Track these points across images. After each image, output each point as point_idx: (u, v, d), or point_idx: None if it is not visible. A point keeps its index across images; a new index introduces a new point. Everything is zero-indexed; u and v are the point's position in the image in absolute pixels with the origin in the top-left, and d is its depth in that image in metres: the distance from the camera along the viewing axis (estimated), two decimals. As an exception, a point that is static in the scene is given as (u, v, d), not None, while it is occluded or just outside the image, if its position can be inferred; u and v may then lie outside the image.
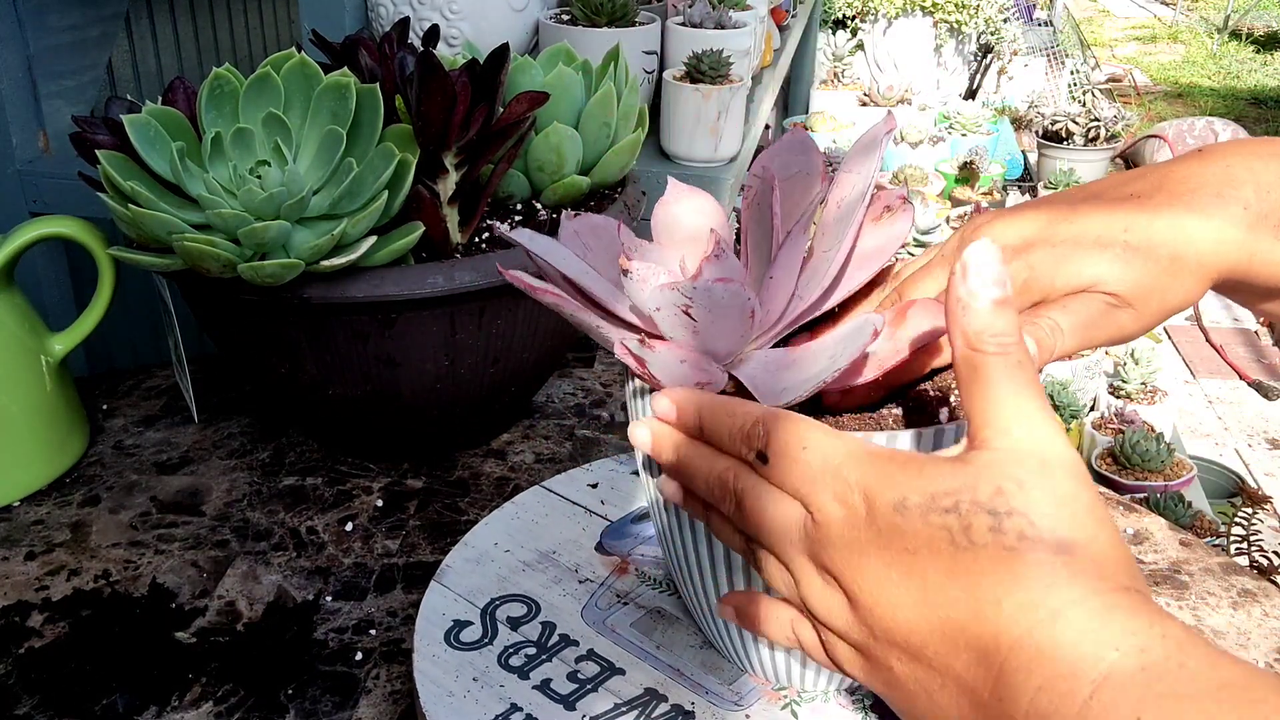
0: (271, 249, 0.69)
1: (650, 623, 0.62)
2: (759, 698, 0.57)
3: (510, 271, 0.51)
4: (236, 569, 0.74)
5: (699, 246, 0.55)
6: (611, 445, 0.88)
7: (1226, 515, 1.96)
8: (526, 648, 0.60)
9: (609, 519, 0.71)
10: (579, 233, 0.56)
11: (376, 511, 0.80)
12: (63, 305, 1.06)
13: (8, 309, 0.80)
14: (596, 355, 1.02)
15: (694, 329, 0.49)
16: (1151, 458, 2.09)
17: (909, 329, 0.50)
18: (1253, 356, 3.15)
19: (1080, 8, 7.56)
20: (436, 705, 0.56)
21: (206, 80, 0.71)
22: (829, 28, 4.27)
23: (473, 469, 0.85)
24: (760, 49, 1.49)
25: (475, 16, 1.06)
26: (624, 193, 0.85)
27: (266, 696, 0.63)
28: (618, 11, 1.13)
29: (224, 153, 0.70)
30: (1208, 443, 2.74)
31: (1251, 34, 6.91)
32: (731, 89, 1.11)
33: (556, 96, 0.79)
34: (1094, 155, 3.96)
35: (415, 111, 0.70)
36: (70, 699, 0.63)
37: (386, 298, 0.70)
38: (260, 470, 0.85)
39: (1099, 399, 2.45)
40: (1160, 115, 5.36)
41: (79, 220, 0.82)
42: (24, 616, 0.69)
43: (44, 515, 0.79)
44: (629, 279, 0.49)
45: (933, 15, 4.18)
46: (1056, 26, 5.00)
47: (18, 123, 1.00)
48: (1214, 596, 0.72)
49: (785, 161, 0.55)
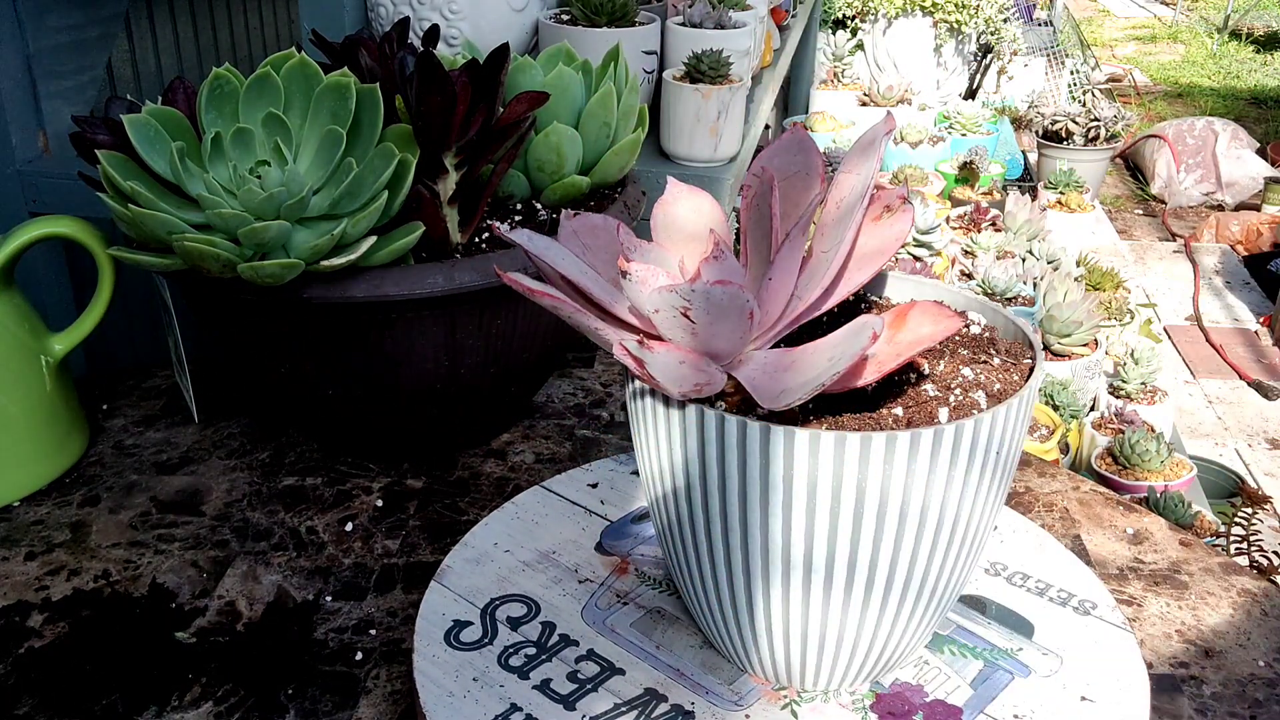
0: (271, 249, 0.69)
1: (650, 623, 0.62)
2: (759, 698, 0.57)
3: (508, 274, 0.51)
4: (236, 569, 0.74)
5: (698, 247, 0.55)
6: (611, 445, 0.88)
7: (1226, 515, 1.96)
8: (526, 648, 0.60)
9: (609, 519, 0.71)
10: (578, 233, 0.56)
11: (376, 511, 0.80)
12: (63, 305, 1.06)
13: (8, 309, 0.80)
14: (596, 355, 1.02)
15: (693, 330, 0.49)
16: (1151, 458, 2.09)
17: (909, 331, 0.50)
18: (1253, 356, 3.15)
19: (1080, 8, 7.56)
20: (436, 705, 0.56)
21: (206, 80, 0.71)
22: (829, 28, 4.27)
23: (473, 469, 0.85)
24: (760, 49, 1.49)
25: (475, 16, 1.06)
26: (624, 193, 0.85)
27: (266, 696, 0.63)
28: (618, 11, 1.13)
29: (224, 153, 0.70)
30: (1208, 443, 2.74)
31: (1251, 34, 6.90)
32: (731, 89, 1.11)
33: (556, 96, 0.79)
34: (1094, 155, 3.96)
35: (415, 111, 0.70)
36: (70, 699, 0.63)
37: (386, 298, 0.70)
38: (260, 470, 0.85)
39: (1099, 399, 2.45)
40: (1160, 115, 5.35)
41: (79, 220, 0.82)
42: (24, 616, 0.69)
43: (44, 515, 0.79)
44: (628, 280, 0.49)
45: (933, 15, 4.18)
46: (1056, 26, 5.00)
47: (18, 123, 1.00)
48: (1214, 596, 0.72)
49: (785, 161, 0.55)
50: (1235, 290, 3.53)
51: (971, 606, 0.64)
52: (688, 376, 0.50)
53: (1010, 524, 0.72)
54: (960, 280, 2.58)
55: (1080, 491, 0.83)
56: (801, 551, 0.51)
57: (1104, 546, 0.77)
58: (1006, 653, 0.60)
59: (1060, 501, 0.82)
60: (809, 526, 0.50)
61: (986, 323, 0.59)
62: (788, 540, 0.50)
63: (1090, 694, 0.58)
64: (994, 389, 0.53)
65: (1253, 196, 4.14)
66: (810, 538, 0.50)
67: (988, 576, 0.67)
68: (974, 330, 0.58)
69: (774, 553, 0.51)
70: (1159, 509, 1.97)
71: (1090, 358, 2.44)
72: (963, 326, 0.53)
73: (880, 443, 0.47)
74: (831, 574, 0.51)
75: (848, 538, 0.50)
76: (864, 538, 0.50)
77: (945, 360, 0.56)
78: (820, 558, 0.51)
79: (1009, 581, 0.66)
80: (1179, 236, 3.98)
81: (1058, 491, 0.83)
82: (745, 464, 0.49)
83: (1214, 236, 3.84)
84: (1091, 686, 0.58)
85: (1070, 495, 0.82)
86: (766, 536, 0.51)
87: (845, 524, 0.49)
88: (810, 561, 0.51)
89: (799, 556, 0.51)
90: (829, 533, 0.50)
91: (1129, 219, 4.18)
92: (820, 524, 0.49)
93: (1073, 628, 0.62)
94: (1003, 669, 0.59)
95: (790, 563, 0.51)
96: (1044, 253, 2.70)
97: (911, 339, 0.50)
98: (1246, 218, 3.83)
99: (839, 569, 0.51)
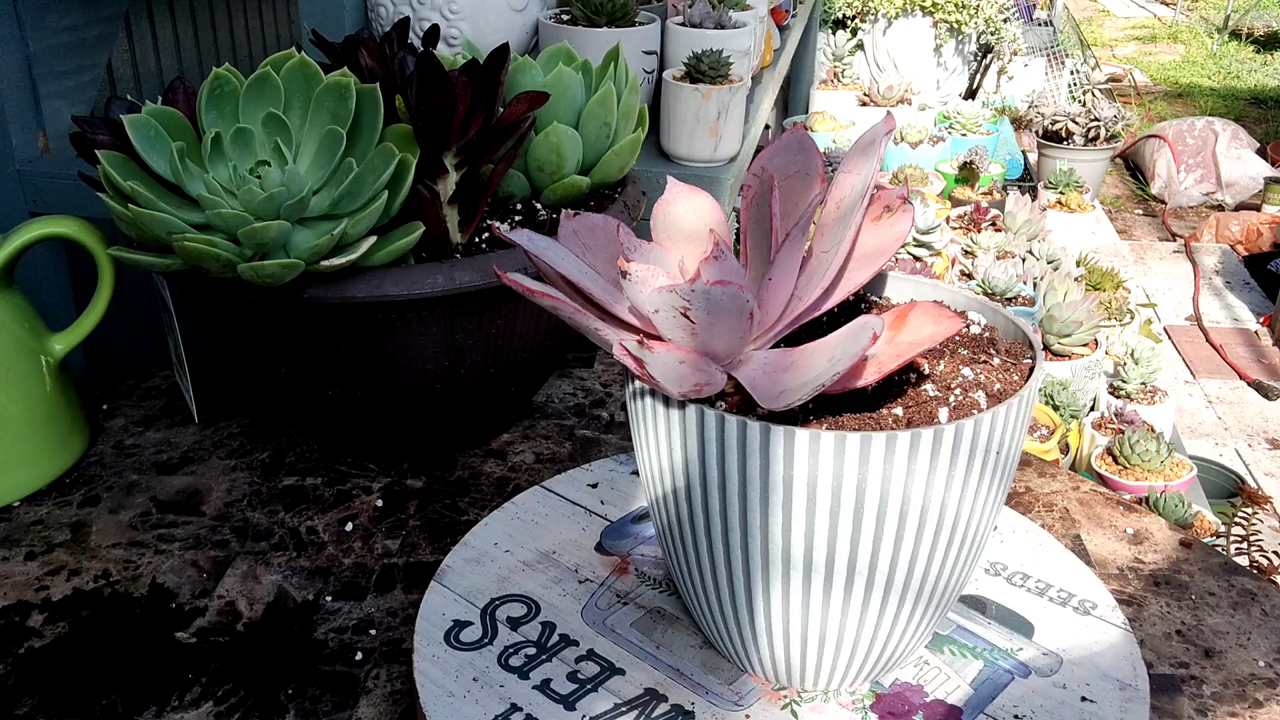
0: (271, 249, 0.69)
1: (650, 623, 0.62)
2: (759, 698, 0.57)
3: (508, 275, 0.51)
4: (236, 569, 0.74)
5: (698, 247, 0.55)
6: (611, 445, 0.88)
7: (1226, 515, 1.96)
8: (526, 648, 0.60)
9: (609, 519, 0.71)
10: (578, 233, 0.56)
11: (376, 511, 0.80)
12: (63, 305, 1.06)
13: (8, 309, 0.80)
14: (596, 355, 1.02)
15: (693, 331, 0.49)
16: (1151, 458, 2.09)
17: (909, 332, 0.50)
18: (1253, 356, 3.15)
19: (1080, 8, 7.56)
20: (436, 705, 0.56)
21: (206, 80, 0.71)
22: (829, 28, 4.26)
23: (473, 469, 0.85)
24: (760, 49, 1.49)
25: (475, 16, 1.06)
26: (624, 193, 0.85)
27: (266, 696, 0.63)
28: (618, 11, 1.13)
29: (224, 153, 0.70)
30: (1208, 443, 2.74)
31: (1251, 34, 6.90)
32: (731, 89, 1.11)
33: (556, 96, 0.79)
34: (1094, 155, 3.95)
35: (415, 111, 0.70)
36: (70, 699, 0.63)
37: (386, 298, 0.70)
38: (260, 470, 0.85)
39: (1099, 399, 2.45)
40: (1160, 115, 5.35)
41: (79, 220, 0.82)
42: (24, 616, 0.69)
43: (44, 515, 0.79)
44: (628, 280, 0.49)
45: (933, 15, 4.18)
46: (1056, 26, 5.00)
47: (18, 123, 1.00)
48: (1214, 596, 0.72)
49: (785, 161, 0.55)
50: (1235, 290, 3.53)
51: (971, 606, 0.64)
52: (688, 376, 0.50)
53: (1010, 524, 0.72)
54: (960, 280, 2.58)
55: (1080, 491, 0.83)
56: (801, 551, 0.51)
57: (1104, 546, 0.77)
58: (1006, 653, 0.60)
59: (1060, 501, 0.82)
60: (809, 526, 0.50)
61: (986, 322, 0.59)
62: (788, 540, 0.50)
63: (1090, 694, 0.58)
64: (994, 389, 0.53)
65: (1253, 196, 4.14)
66: (810, 538, 0.50)
67: (988, 576, 0.67)
68: (974, 330, 0.58)
69: (774, 553, 0.51)
70: (1159, 509, 1.97)
71: (1090, 358, 2.44)
72: (963, 327, 0.53)
73: (880, 443, 0.47)
74: (831, 574, 0.51)
75: (848, 538, 0.50)
76: (864, 538, 0.50)
77: (945, 360, 0.56)
78: (820, 558, 0.51)
79: (1009, 581, 0.66)
80: (1179, 236, 3.98)
81: (1058, 491, 0.83)
82: (745, 464, 0.49)
83: (1214, 236, 3.84)
84: (1091, 686, 0.58)
85: (1070, 495, 0.82)
86: (766, 536, 0.51)
87: (845, 524, 0.49)
88: (810, 561, 0.51)
89: (799, 556, 0.51)
90: (829, 533, 0.50)
91: (1129, 219, 4.18)
92: (820, 524, 0.49)
93: (1073, 628, 0.62)
94: (1003, 669, 0.59)
95: (790, 563, 0.51)
96: (1044, 253, 2.71)
97: (912, 340, 0.50)
98: (1246, 218, 3.83)
99: (839, 569, 0.51)
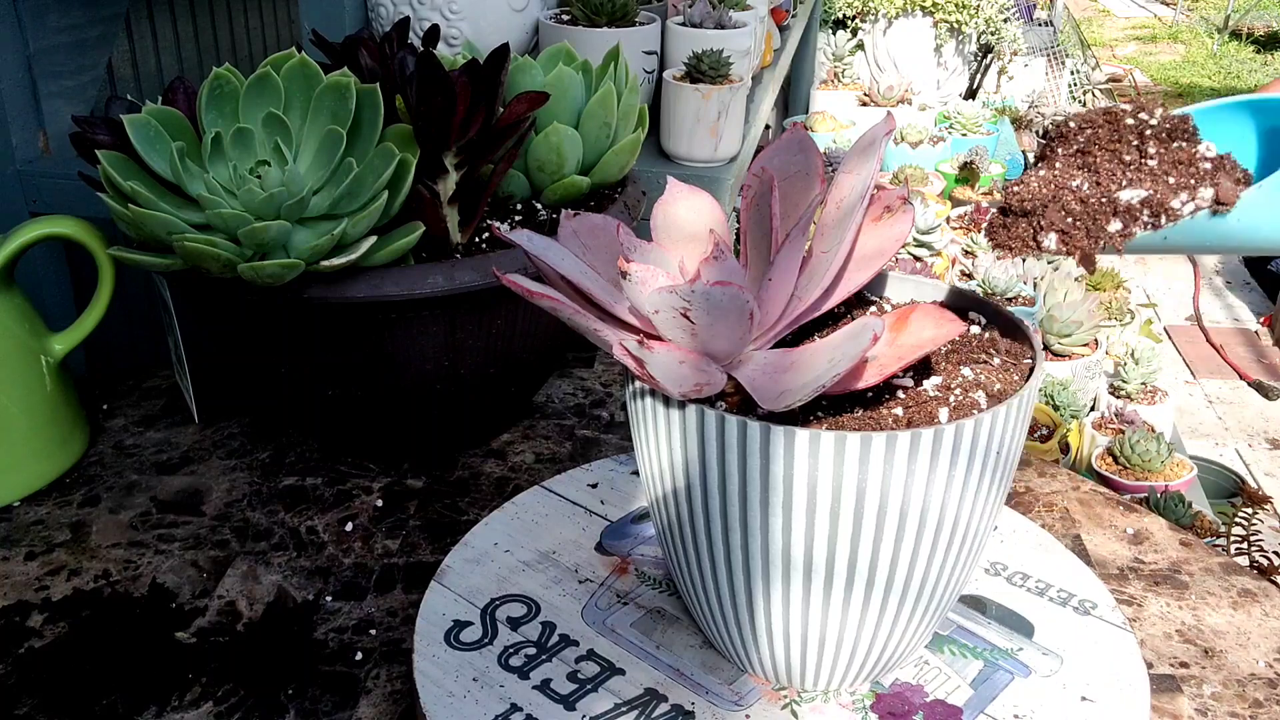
0: (271, 249, 0.69)
1: (650, 623, 0.62)
2: (759, 698, 0.57)
3: (507, 276, 0.51)
4: (236, 569, 0.74)
5: (698, 247, 0.55)
6: (611, 445, 0.88)
7: (1226, 515, 1.96)
8: (526, 648, 0.60)
9: (609, 519, 0.71)
10: (578, 233, 0.56)
11: (376, 511, 0.80)
12: (63, 305, 1.06)
13: (8, 309, 0.80)
14: (596, 355, 1.02)
15: (693, 331, 0.49)
16: (1151, 457, 2.09)
17: (910, 334, 0.50)
18: (1253, 356, 3.15)
19: (1080, 8, 7.56)
20: (436, 705, 0.56)
21: (206, 80, 0.71)
22: (829, 28, 4.26)
23: (473, 469, 0.85)
24: (760, 49, 1.49)
25: (475, 16, 1.06)
26: (624, 193, 0.85)
27: (266, 696, 0.63)
28: (618, 11, 1.13)
29: (224, 153, 0.70)
30: (1208, 443, 2.74)
31: (1251, 34, 6.90)
32: (731, 89, 1.10)
33: (556, 96, 0.79)
34: (1094, 155, 3.95)
35: (415, 111, 0.70)
36: (70, 699, 0.63)
37: (387, 298, 0.70)
38: (260, 470, 0.85)
39: (1099, 399, 2.44)
40: (1160, 115, 5.34)
41: (79, 220, 0.82)
42: (24, 616, 0.69)
43: (44, 515, 0.79)
44: (628, 281, 0.49)
45: (933, 15, 4.18)
46: (1056, 26, 5.00)
47: (18, 123, 1.00)
48: (1214, 596, 0.72)
49: (785, 161, 0.55)
50: (1235, 290, 3.53)
51: (971, 606, 0.64)
52: (688, 376, 0.50)
53: (1010, 524, 0.72)
54: (960, 280, 2.58)
55: (1080, 491, 0.83)
56: (801, 551, 0.51)
57: (1104, 546, 0.77)
58: (1006, 653, 0.60)
59: (1060, 501, 0.82)
60: (809, 526, 0.50)
61: (986, 322, 0.59)
62: (788, 540, 0.50)
63: (1090, 694, 0.58)
64: (994, 389, 0.53)
65: (1253, 196, 4.14)
66: (810, 538, 0.50)
67: (988, 576, 0.67)
68: (974, 330, 0.58)
69: (774, 553, 0.51)
70: (1159, 509, 1.97)
71: (1090, 358, 2.43)
72: (964, 331, 0.53)
73: (880, 443, 0.47)
74: (831, 574, 0.51)
75: (848, 538, 0.50)
76: (864, 538, 0.50)
77: (945, 360, 0.56)
78: (820, 558, 0.51)
79: (1009, 581, 0.66)
80: (1179, 236, 3.97)
81: (1058, 491, 0.83)
82: (745, 464, 0.49)
83: (1214, 236, 3.83)
84: (1091, 686, 0.58)
85: (1070, 495, 0.82)
86: (766, 537, 0.51)
87: (845, 524, 0.49)
88: (810, 561, 0.51)
89: (799, 556, 0.51)
90: (829, 533, 0.50)
91: (1129, 219, 4.17)
92: (820, 524, 0.49)
93: (1073, 628, 0.62)
94: (1003, 669, 0.59)
95: (790, 563, 0.51)
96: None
97: (913, 342, 0.50)
98: (1246, 218, 3.82)
99: (839, 569, 0.51)
